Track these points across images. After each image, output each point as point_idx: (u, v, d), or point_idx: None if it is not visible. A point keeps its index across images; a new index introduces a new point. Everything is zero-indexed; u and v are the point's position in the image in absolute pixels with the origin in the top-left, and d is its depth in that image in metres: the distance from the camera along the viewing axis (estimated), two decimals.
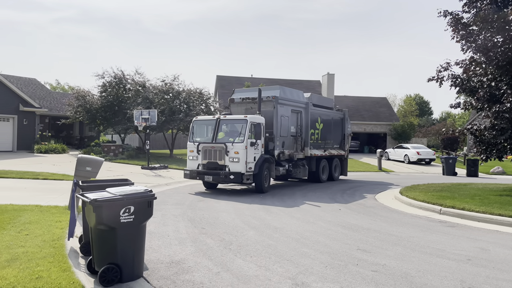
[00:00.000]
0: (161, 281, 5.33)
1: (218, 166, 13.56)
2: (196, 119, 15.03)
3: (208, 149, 13.78)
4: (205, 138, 14.35)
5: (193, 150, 14.10)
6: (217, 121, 14.17)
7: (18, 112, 29.44)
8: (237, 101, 16.46)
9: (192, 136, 14.60)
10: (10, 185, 13.50)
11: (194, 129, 14.72)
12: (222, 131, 14.11)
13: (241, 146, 13.32)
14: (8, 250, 6.06)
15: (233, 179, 13.14)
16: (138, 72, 30.91)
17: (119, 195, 5.14)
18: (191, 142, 14.40)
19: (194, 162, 14.14)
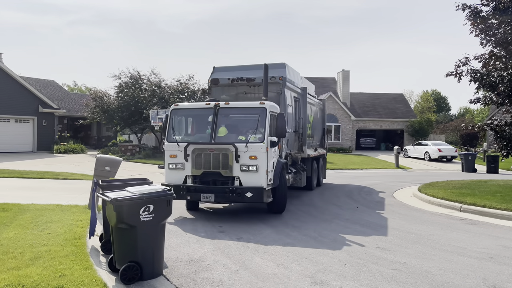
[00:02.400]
0: (181, 279, 5.38)
1: (222, 178, 8.97)
2: (177, 108, 9.84)
3: (205, 152, 9.00)
4: (196, 136, 9.77)
5: (176, 155, 9.26)
6: (215, 111, 9.34)
7: (37, 114, 30.00)
8: (224, 82, 11.59)
9: (172, 132, 9.61)
10: (31, 185, 13.78)
11: (174, 123, 9.74)
12: (223, 126, 9.47)
13: (261, 148, 8.79)
14: (31, 248, 6.19)
15: (251, 198, 8.64)
16: (153, 72, 31.15)
17: (139, 194, 5.19)
18: (171, 142, 9.43)
19: (178, 173, 9.25)
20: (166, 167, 9.42)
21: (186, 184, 9.13)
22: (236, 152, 8.81)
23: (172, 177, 9.33)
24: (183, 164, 9.19)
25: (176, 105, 9.88)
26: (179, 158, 9.22)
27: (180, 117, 10.03)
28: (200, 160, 9.05)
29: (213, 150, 8.97)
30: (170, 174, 9.35)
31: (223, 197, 8.85)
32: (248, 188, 8.67)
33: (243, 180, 8.81)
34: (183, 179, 9.21)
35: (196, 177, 9.19)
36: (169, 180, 9.33)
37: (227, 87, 11.63)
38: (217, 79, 11.70)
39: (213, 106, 9.43)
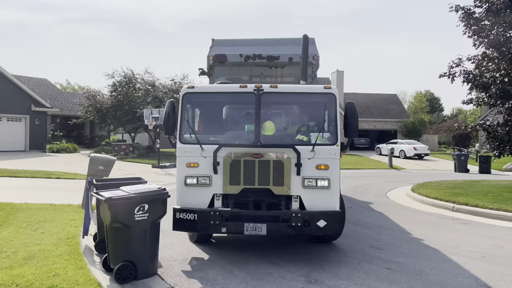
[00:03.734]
0: (176, 278, 5.38)
1: (271, 198, 6.26)
2: (193, 91, 6.56)
3: (246, 159, 6.15)
4: (229, 135, 6.75)
5: (198, 163, 6.26)
6: (258, 97, 6.33)
7: (30, 112, 29.78)
8: (233, 60, 8.79)
9: (187, 129, 6.50)
10: (24, 184, 13.68)
11: (189, 114, 6.60)
12: (269, 120, 6.61)
13: (333, 153, 6.19)
14: (24, 248, 6.16)
15: (324, 229, 5.96)
16: (147, 71, 31.20)
17: (134, 193, 5.19)
18: (188, 143, 6.38)
19: (201, 191, 6.25)
20: (181, 183, 6.21)
21: (220, 209, 5.99)
22: (298, 159, 6.05)
23: (190, 198, 6.16)
24: (209, 177, 6.14)
25: (190, 87, 6.50)
26: (203, 168, 6.16)
27: (198, 105, 6.86)
28: (238, 172, 6.09)
29: (259, 156, 6.09)
30: (187, 193, 6.20)
31: (281, 228, 5.96)
32: (319, 213, 5.93)
33: (306, 202, 6.08)
34: (208, 200, 6.16)
35: (229, 198, 6.24)
36: (186, 201, 6.16)
37: (237, 67, 8.79)
38: (223, 55, 8.61)
39: (252, 90, 6.32)
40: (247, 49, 8.93)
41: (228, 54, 8.84)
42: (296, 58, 8.23)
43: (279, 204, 6.26)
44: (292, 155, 6.09)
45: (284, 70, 8.74)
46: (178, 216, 6.08)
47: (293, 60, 8.50)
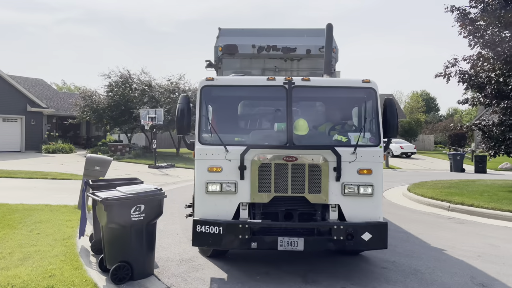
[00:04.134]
0: (172, 278, 5.37)
1: (305, 208, 5.61)
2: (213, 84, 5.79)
3: (277, 163, 5.46)
4: (257, 135, 6.02)
5: (221, 168, 5.53)
6: (289, 89, 5.64)
7: (25, 113, 29.64)
8: (245, 51, 7.85)
9: (207, 127, 5.78)
10: (20, 185, 13.62)
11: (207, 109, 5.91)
12: (302, 117, 5.90)
13: (377, 155, 5.56)
14: (20, 249, 6.14)
15: (370, 243, 5.32)
16: (144, 71, 31.00)
17: (130, 194, 5.18)
18: (208, 144, 5.61)
19: (225, 199, 5.52)
20: (201, 190, 5.46)
21: (250, 222, 5.27)
22: (338, 162, 5.38)
23: (212, 208, 5.43)
24: (235, 183, 5.41)
25: (209, 78, 5.73)
26: (227, 172, 5.43)
27: (218, 100, 6.08)
28: (268, 177, 5.39)
29: (293, 159, 5.40)
30: (208, 201, 5.44)
31: (320, 243, 5.33)
32: (363, 225, 5.27)
33: (347, 211, 5.45)
34: (234, 210, 5.43)
35: (256, 207, 5.52)
36: (207, 212, 5.42)
37: (249, 59, 7.89)
38: (234, 46, 7.66)
39: (282, 83, 5.62)
40: (260, 40, 7.95)
41: (239, 45, 7.81)
42: (314, 50, 7.59)
43: (313, 214, 5.55)
44: (331, 158, 5.39)
45: (301, 64, 7.86)
46: (199, 229, 5.25)
47: (311, 52, 7.62)
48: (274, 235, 5.24)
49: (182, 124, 5.68)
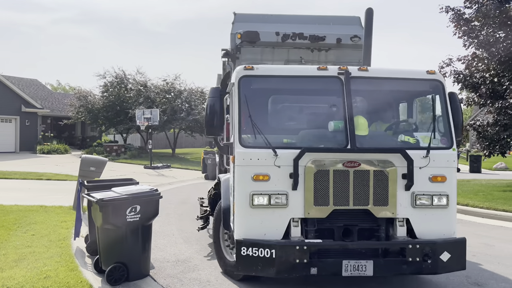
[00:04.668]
0: (168, 279, 5.36)
1: (368, 223, 4.78)
2: (254, 74, 4.87)
3: (337, 169, 4.59)
4: (308, 135, 5.08)
5: (269, 176, 4.60)
6: (347, 81, 4.84)
7: (20, 113, 29.49)
8: (268, 39, 6.85)
9: (249, 126, 4.71)
10: (14, 186, 13.54)
11: (249, 105, 4.75)
12: (359, 114, 4.98)
13: (451, 158, 4.95)
14: (15, 250, 6.10)
15: (448, 264, 4.63)
16: (139, 71, 30.96)
17: (125, 195, 5.16)
18: (252, 147, 4.68)
19: (273, 214, 4.62)
20: (244, 203, 4.57)
21: (309, 242, 4.43)
22: (409, 168, 4.62)
23: (258, 225, 4.57)
24: (286, 195, 4.56)
25: (249, 67, 4.83)
26: (276, 181, 4.57)
27: (261, 93, 5.22)
28: (326, 187, 4.55)
29: (356, 164, 4.57)
30: (254, 217, 4.58)
31: (392, 266, 4.57)
32: (441, 243, 4.59)
33: (417, 226, 4.71)
34: (284, 228, 4.59)
35: (309, 223, 4.65)
36: (252, 230, 4.57)
37: (271, 49, 6.93)
38: (255, 33, 6.68)
39: (336, 73, 4.85)
40: (284, 27, 7.02)
41: (261, 32, 6.76)
42: (345, 39, 6.73)
43: (375, 230, 4.71)
44: (399, 163, 4.58)
45: (330, 55, 6.95)
46: (246, 252, 4.38)
47: (342, 42, 6.73)
48: (336, 258, 4.45)
49: (213, 123, 4.83)
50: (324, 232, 4.68)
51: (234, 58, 6.92)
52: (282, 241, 4.47)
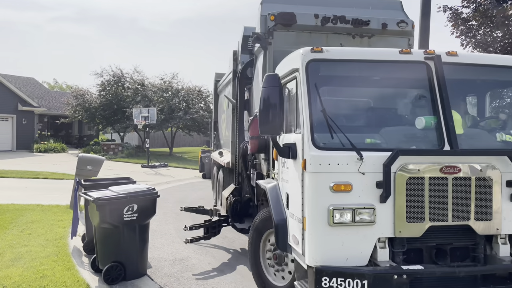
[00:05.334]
0: (165, 278, 5.35)
1: (464, 241, 3.87)
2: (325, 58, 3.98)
3: (434, 176, 3.71)
4: (388, 134, 4.04)
5: (351, 185, 3.65)
6: (439, 67, 3.97)
7: (16, 112, 29.38)
8: (305, 22, 5.89)
9: (326, 124, 3.75)
10: (11, 185, 13.49)
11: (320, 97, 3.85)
12: (454, 107, 4.03)
13: None
14: (11, 249, 6.07)
15: None
16: (136, 70, 30.87)
17: (123, 194, 5.14)
18: (329, 149, 3.72)
19: (357, 234, 3.65)
20: (320, 220, 3.66)
21: (410, 269, 3.57)
22: None
23: (339, 248, 3.67)
24: (373, 209, 3.67)
25: (317, 49, 3.98)
26: (360, 192, 3.69)
27: (331, 81, 4.37)
28: (421, 198, 3.72)
29: (456, 169, 3.77)
30: (333, 238, 3.67)
31: None
32: None
33: None
34: (370, 250, 3.70)
35: (396, 244, 3.76)
36: (331, 254, 3.66)
37: (308, 34, 6.04)
38: (291, 15, 5.88)
39: (423, 58, 4.07)
40: (323, 9, 6.16)
41: (297, 14, 5.92)
42: (391, 25, 6.00)
43: (472, 250, 3.91)
44: (504, 168, 3.82)
45: (372, 42, 6.17)
46: (328, 284, 3.51)
47: (388, 27, 6.02)
48: (438, 287, 3.74)
49: (270, 119, 3.93)
50: (411, 254, 3.80)
51: (266, 44, 5.89)
52: (375, 269, 3.56)
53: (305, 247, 3.77)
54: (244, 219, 6.66)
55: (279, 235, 4.27)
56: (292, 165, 4.07)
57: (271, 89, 4.03)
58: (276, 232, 4.29)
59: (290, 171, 4.14)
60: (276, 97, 3.98)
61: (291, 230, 4.12)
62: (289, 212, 4.18)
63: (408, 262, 3.74)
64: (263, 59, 5.76)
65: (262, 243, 4.90)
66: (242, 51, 7.44)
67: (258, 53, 6.24)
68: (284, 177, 4.35)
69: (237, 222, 6.61)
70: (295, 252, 4.04)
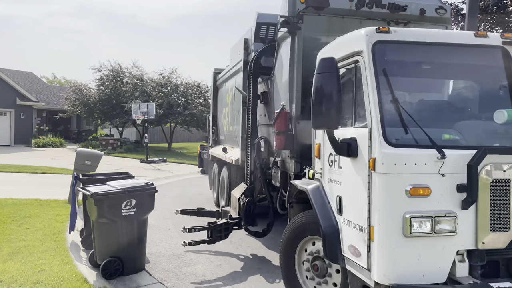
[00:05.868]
0: (163, 273, 5.34)
1: None
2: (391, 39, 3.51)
3: None
4: (464, 128, 3.57)
5: (430, 188, 3.17)
6: None
7: (15, 106, 29.31)
8: (339, 6, 5.43)
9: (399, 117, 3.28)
10: (9, 179, 13.46)
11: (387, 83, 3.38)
12: None
13: None
14: (9, 243, 6.06)
15: None
16: (135, 65, 30.83)
17: (121, 189, 5.12)
18: (405, 146, 3.24)
19: (434, 244, 3.18)
20: (392, 231, 3.17)
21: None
22: None
23: (414, 263, 3.18)
24: (455, 217, 3.21)
25: (384, 29, 3.53)
26: (439, 197, 3.22)
27: (399, 67, 3.80)
28: (506, 204, 3.29)
29: None
30: (409, 251, 3.17)
31: None
32: None
33: None
34: (449, 265, 3.26)
35: (477, 256, 3.33)
36: (405, 269, 3.16)
37: (340, 19, 5.61)
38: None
39: (500, 42, 3.71)
40: None
41: None
42: (430, 11, 5.59)
43: None
44: None
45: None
46: None
47: (426, 14, 5.63)
48: None
49: (324, 110, 3.35)
50: (486, 267, 3.40)
51: (295, 28, 5.35)
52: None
53: (372, 262, 3.24)
54: (257, 221, 6.29)
55: (329, 244, 3.76)
56: (350, 165, 3.55)
57: (327, 75, 3.39)
58: (324, 240, 3.79)
59: (346, 171, 3.64)
60: (334, 84, 3.34)
61: (346, 240, 3.65)
62: (342, 219, 3.71)
63: (485, 277, 3.34)
64: (290, 46, 5.29)
65: (298, 253, 4.40)
66: (255, 39, 6.96)
67: (283, 39, 5.73)
68: (334, 178, 3.86)
69: (250, 224, 6.22)
70: (352, 264, 3.54)
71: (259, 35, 6.88)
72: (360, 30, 3.62)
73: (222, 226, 6.15)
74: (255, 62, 6.39)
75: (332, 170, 3.91)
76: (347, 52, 3.71)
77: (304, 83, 5.14)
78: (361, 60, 3.52)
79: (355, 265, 3.51)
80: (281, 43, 5.78)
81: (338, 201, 3.76)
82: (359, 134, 3.45)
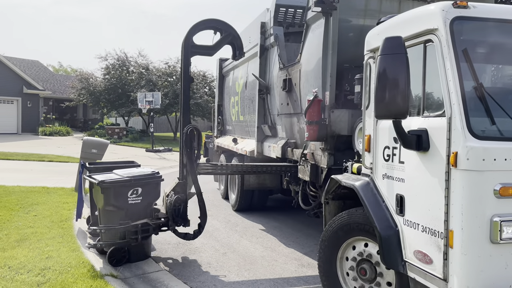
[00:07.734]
0: (169, 261, 5.41)
1: None
2: (473, 15, 2.99)
3: None
4: None
5: None
6: None
7: (22, 95, 29.45)
8: None
9: (484, 105, 2.90)
10: (16, 167, 13.58)
11: (470, 67, 2.94)
12: None
13: None
14: (17, 230, 6.14)
15: None
16: (141, 54, 30.75)
17: (127, 177, 5.16)
18: (493, 139, 2.82)
19: None
20: (474, 236, 2.76)
21: None
22: None
23: (502, 272, 2.80)
24: None
25: (462, 3, 2.99)
26: None
27: (478, 47, 3.21)
28: None
29: None
30: (495, 259, 2.78)
31: None
32: None
33: None
34: None
35: None
36: (490, 280, 2.77)
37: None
38: None
39: None
40: None
41: None
42: None
43: None
44: None
45: None
46: None
47: None
48: None
49: (390, 97, 2.92)
50: None
51: (331, 8, 4.86)
52: None
53: (451, 271, 2.86)
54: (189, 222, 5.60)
55: (386, 248, 3.35)
56: (417, 159, 3.12)
57: (394, 57, 2.94)
58: (381, 244, 3.37)
59: (410, 166, 3.22)
60: (402, 67, 2.91)
61: (411, 244, 3.24)
62: (404, 220, 3.29)
63: None
64: (324, 27, 4.84)
65: (340, 257, 3.92)
66: (274, 22, 6.50)
67: (314, 21, 5.24)
68: (392, 174, 3.41)
69: (180, 225, 5.56)
70: (419, 272, 3.14)
71: (277, 18, 6.49)
72: (431, 5, 3.16)
73: (138, 227, 5.09)
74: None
75: (389, 165, 3.46)
76: (416, 30, 3.20)
77: (338, 69, 4.79)
78: (435, 39, 3.04)
79: (423, 273, 3.09)
80: (312, 24, 5.32)
81: (399, 201, 3.33)
82: (431, 125, 3.00)
